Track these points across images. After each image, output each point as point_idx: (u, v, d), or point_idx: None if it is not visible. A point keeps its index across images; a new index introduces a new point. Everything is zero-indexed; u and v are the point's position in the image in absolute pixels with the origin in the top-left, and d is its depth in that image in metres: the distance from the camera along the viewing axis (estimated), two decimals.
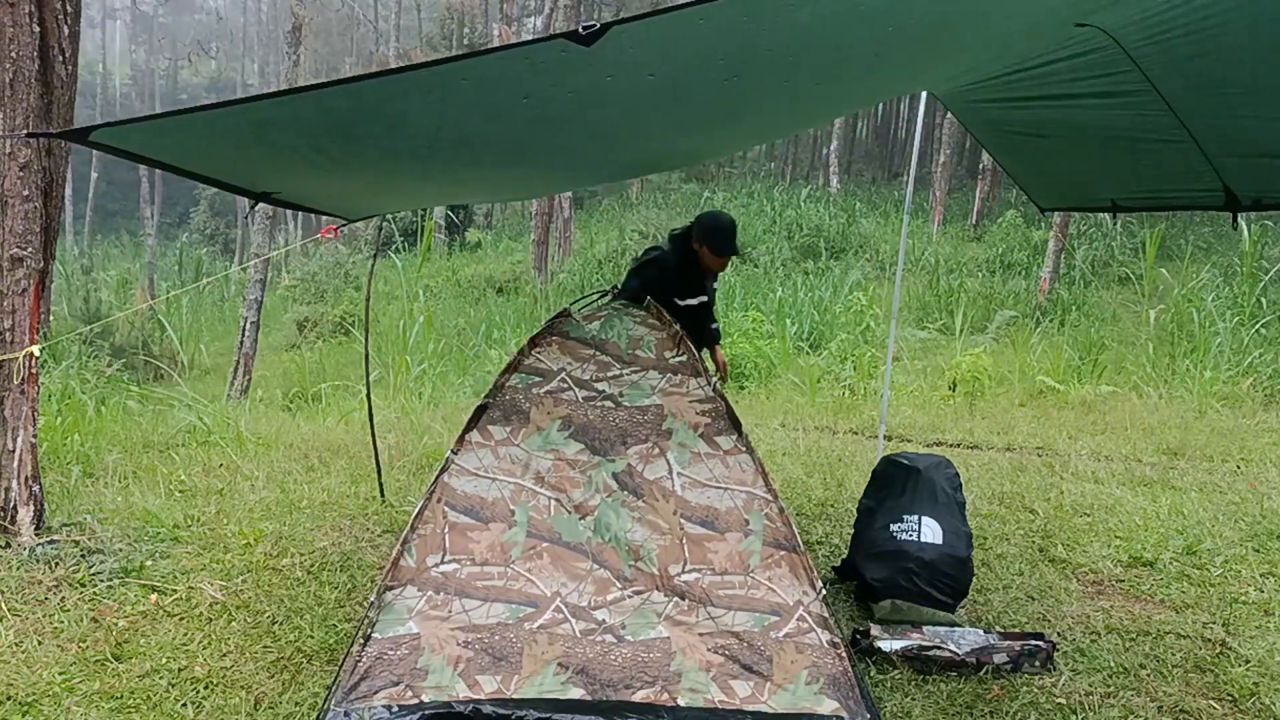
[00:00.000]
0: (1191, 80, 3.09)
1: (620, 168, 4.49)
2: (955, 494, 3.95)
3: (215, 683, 3.23)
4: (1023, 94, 3.84)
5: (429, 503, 3.14)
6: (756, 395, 9.24)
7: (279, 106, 2.17)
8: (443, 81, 2.05)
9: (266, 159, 2.70)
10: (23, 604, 3.68)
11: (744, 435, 3.25)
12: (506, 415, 3.28)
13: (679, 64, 2.19)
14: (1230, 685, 3.38)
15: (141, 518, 4.63)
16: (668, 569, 3.10)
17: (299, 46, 12.86)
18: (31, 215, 3.98)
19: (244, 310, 11.51)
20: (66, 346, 9.98)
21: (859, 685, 2.91)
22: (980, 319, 13.23)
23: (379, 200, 4.12)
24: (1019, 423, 7.71)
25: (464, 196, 5.54)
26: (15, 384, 4.01)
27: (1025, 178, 5.26)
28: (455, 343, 12.42)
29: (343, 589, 4.04)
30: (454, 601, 3.03)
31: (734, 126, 3.30)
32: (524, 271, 18.91)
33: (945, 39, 2.64)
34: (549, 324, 3.42)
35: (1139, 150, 3.90)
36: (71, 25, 4.06)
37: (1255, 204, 3.78)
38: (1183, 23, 2.76)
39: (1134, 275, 15.15)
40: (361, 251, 21.00)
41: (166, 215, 36.41)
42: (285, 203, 3.70)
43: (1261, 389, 8.64)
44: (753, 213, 23.60)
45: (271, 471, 5.77)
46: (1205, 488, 5.78)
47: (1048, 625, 3.85)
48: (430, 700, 2.86)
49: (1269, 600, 4.12)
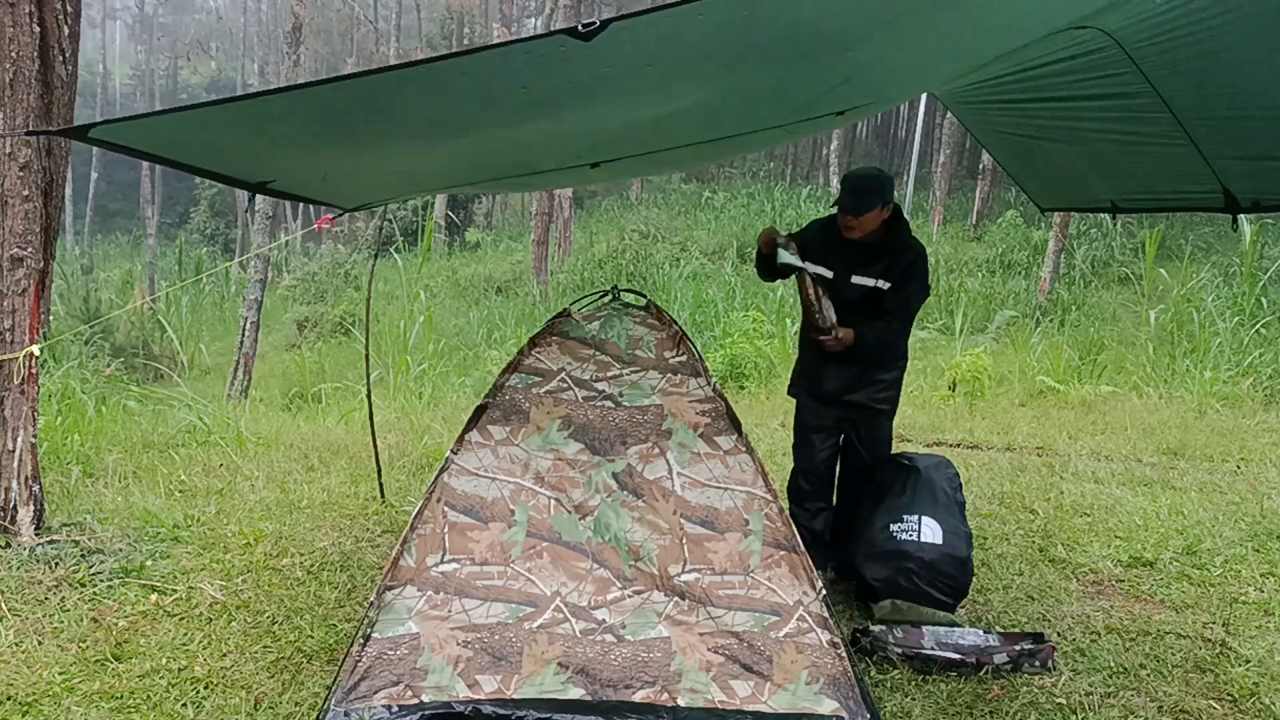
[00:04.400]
0: (1191, 82, 3.09)
1: (618, 167, 4.47)
2: (955, 494, 3.94)
3: (215, 683, 3.23)
4: (1022, 95, 3.84)
5: (429, 502, 3.14)
6: (756, 395, 9.23)
7: (277, 104, 2.17)
8: (440, 76, 2.06)
9: (263, 147, 2.70)
10: (23, 604, 3.68)
11: (744, 435, 3.25)
12: (506, 415, 3.28)
13: (678, 58, 2.20)
14: (1230, 685, 3.38)
15: (141, 518, 4.63)
16: (668, 569, 3.10)
17: (299, 46, 12.87)
18: (31, 215, 3.98)
19: (244, 310, 11.52)
20: (66, 346, 9.99)
21: (859, 685, 2.91)
22: (980, 319, 13.23)
23: (376, 186, 4.10)
24: (1019, 423, 7.71)
25: (462, 185, 5.53)
26: (15, 384, 4.01)
27: (1025, 178, 5.26)
28: (455, 343, 12.43)
29: (343, 589, 4.04)
30: (454, 601, 3.03)
31: (733, 123, 3.29)
32: (524, 271, 18.92)
33: (945, 37, 2.64)
34: (549, 324, 3.42)
35: (1138, 152, 3.90)
36: (71, 25, 4.06)
37: (1255, 205, 3.77)
38: (1184, 23, 2.76)
39: (1134, 275, 15.16)
40: (361, 251, 21.02)
41: (166, 215, 36.39)
42: (282, 193, 3.69)
43: (1261, 389, 8.63)
44: (753, 213, 23.62)
45: (271, 471, 5.77)
46: (1205, 488, 5.78)
47: (1048, 625, 3.85)
48: (430, 700, 2.87)
49: (1269, 600, 4.11)
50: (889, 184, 3.86)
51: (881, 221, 3.80)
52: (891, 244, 3.84)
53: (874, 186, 3.78)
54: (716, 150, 4.49)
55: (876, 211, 3.75)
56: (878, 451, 4.13)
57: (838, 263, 3.89)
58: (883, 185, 3.81)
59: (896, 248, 3.83)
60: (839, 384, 3.98)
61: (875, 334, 3.85)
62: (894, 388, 4.05)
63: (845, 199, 3.76)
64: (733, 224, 22.75)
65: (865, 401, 3.99)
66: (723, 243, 20.36)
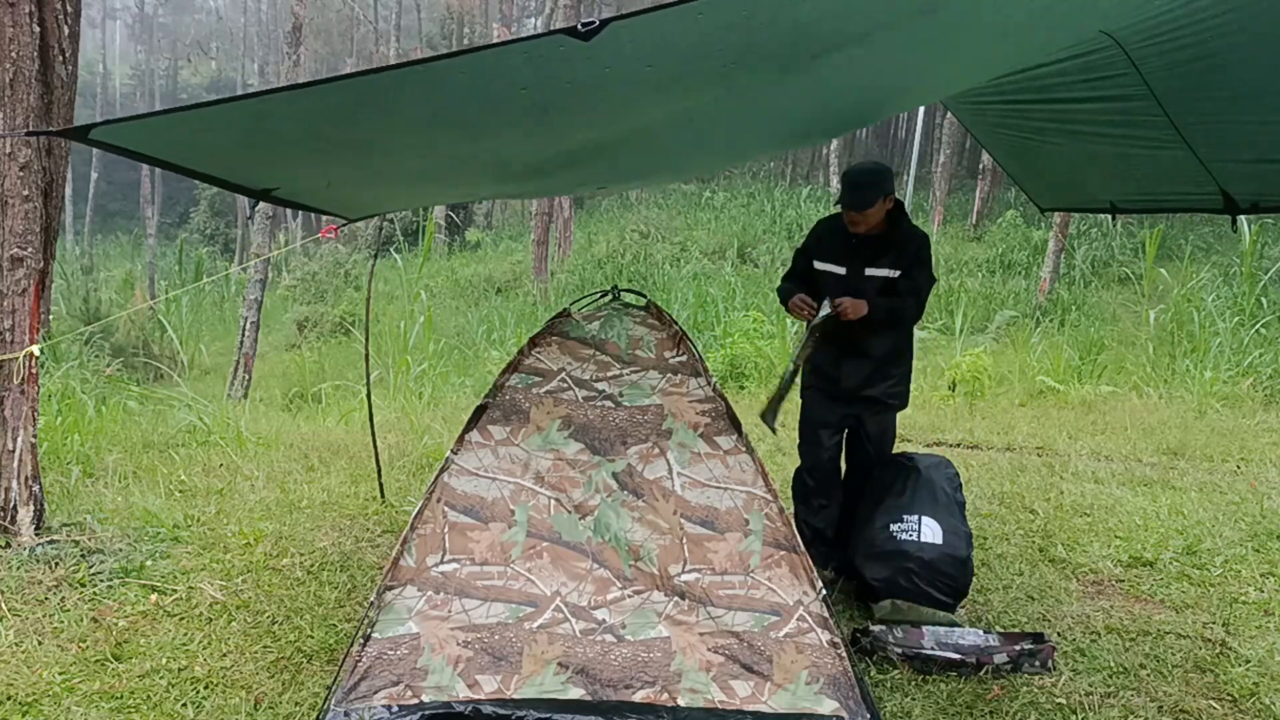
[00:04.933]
0: (1189, 84, 3.09)
1: (622, 170, 4.47)
2: (955, 494, 3.94)
3: (215, 683, 3.23)
4: (1022, 96, 3.85)
5: (429, 502, 3.14)
6: (756, 395, 9.22)
7: (276, 102, 2.18)
8: (439, 75, 2.06)
9: (265, 152, 2.70)
10: (23, 604, 3.68)
11: (744, 435, 3.25)
12: (506, 415, 3.28)
13: (678, 57, 2.20)
14: (1230, 685, 3.38)
15: (141, 518, 4.63)
16: (668, 569, 3.10)
17: (299, 46, 12.87)
18: (31, 215, 3.98)
19: (244, 310, 11.52)
20: (66, 346, 9.99)
21: (859, 685, 2.91)
22: (980, 319, 13.23)
23: (379, 195, 4.11)
24: (1019, 423, 7.71)
25: (464, 193, 5.53)
26: (15, 384, 4.01)
27: (1025, 178, 5.27)
28: (455, 343, 12.42)
29: (343, 589, 4.04)
30: (454, 601, 3.03)
31: (733, 128, 3.29)
32: (524, 271, 18.93)
33: (956, 38, 2.63)
34: (549, 324, 3.42)
35: (1135, 155, 3.90)
36: (71, 25, 4.06)
37: (1253, 207, 3.78)
38: (1183, 24, 2.76)
39: (1134, 275, 15.16)
40: (361, 251, 21.02)
41: (167, 215, 36.40)
42: (286, 201, 3.69)
43: (1261, 389, 8.63)
44: (753, 213, 23.64)
45: (271, 471, 5.77)
46: (1205, 488, 5.78)
47: (1048, 625, 3.85)
48: (430, 700, 2.87)
49: (1269, 600, 4.11)
50: (888, 176, 3.90)
51: (885, 213, 3.84)
52: (896, 234, 3.89)
53: (874, 180, 3.81)
54: (711, 157, 4.48)
55: (879, 204, 3.78)
56: (884, 447, 4.17)
57: (849, 259, 3.93)
58: (882, 178, 3.84)
59: (900, 238, 3.89)
60: (857, 379, 4.00)
61: (887, 303, 3.86)
62: (904, 382, 4.11)
63: (847, 196, 3.79)
64: (733, 224, 22.77)
65: (880, 396, 4.03)
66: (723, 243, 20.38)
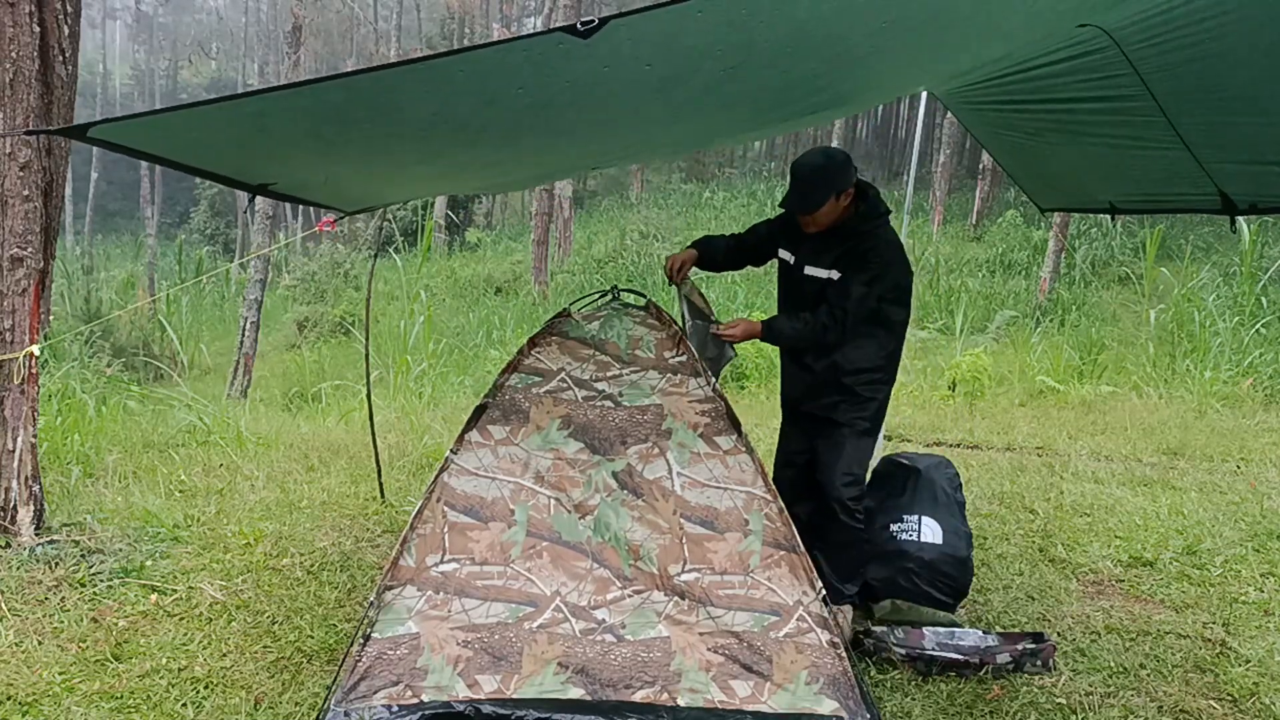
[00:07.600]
0: (1187, 84, 3.09)
1: (616, 154, 4.45)
2: (955, 494, 3.95)
3: (215, 683, 3.23)
4: (1021, 96, 3.84)
5: (428, 502, 3.14)
6: (756, 395, 9.23)
7: (276, 101, 2.17)
8: (438, 74, 2.07)
9: (263, 147, 2.71)
10: (23, 604, 3.68)
11: (744, 435, 3.25)
12: (506, 415, 3.28)
13: (676, 55, 2.20)
14: (1230, 685, 3.38)
15: (141, 518, 4.63)
16: (668, 568, 3.10)
17: (299, 46, 12.87)
18: (31, 215, 3.98)
19: (244, 310, 11.52)
20: (67, 346, 9.98)
21: (859, 685, 2.91)
22: (980, 319, 13.22)
23: (376, 188, 4.10)
24: (1019, 423, 7.71)
25: (463, 185, 5.52)
26: (15, 384, 4.01)
27: (1025, 178, 5.27)
28: (455, 343, 12.42)
29: (343, 589, 4.04)
30: (454, 601, 3.03)
31: (730, 115, 3.27)
32: (524, 271, 18.91)
33: (944, 34, 2.64)
34: (549, 324, 3.41)
35: (1134, 156, 3.90)
36: (71, 25, 4.06)
37: (1252, 207, 3.78)
38: (1182, 23, 2.76)
39: (1134, 275, 15.15)
40: (361, 251, 21.00)
41: (167, 215, 36.42)
42: (283, 195, 3.69)
43: (1261, 389, 8.63)
44: (753, 213, 23.60)
45: (271, 471, 5.77)
46: (1205, 488, 5.78)
47: (1048, 625, 3.85)
48: (430, 700, 2.87)
49: (1269, 600, 4.12)
50: (840, 168, 3.30)
51: (843, 209, 3.34)
52: (848, 231, 3.35)
53: (820, 179, 3.27)
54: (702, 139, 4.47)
55: (831, 203, 3.28)
56: (828, 479, 3.45)
57: (799, 249, 3.48)
58: (829, 174, 3.28)
59: (849, 235, 3.34)
60: (796, 389, 3.62)
61: (793, 326, 3.36)
62: (859, 405, 3.44)
63: (790, 198, 3.31)
64: (733, 224, 22.73)
65: (822, 414, 3.49)
66: None
